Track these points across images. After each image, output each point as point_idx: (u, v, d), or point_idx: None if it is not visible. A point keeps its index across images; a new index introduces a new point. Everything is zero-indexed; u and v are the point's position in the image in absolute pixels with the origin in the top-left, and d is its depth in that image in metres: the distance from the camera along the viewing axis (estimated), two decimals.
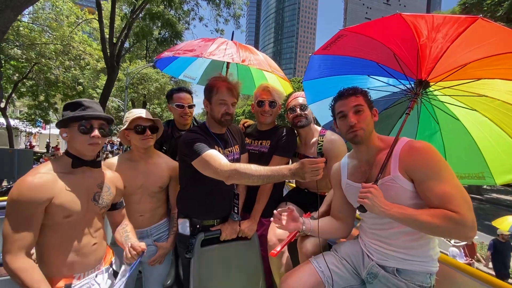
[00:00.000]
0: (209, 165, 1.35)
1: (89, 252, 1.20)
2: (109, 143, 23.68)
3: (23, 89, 14.45)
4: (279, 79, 2.32)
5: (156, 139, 1.69)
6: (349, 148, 1.71)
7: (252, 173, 1.27)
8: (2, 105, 12.66)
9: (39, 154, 14.95)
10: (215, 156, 1.37)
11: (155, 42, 17.51)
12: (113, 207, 1.39)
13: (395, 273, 1.17)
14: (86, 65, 15.40)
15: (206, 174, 1.39)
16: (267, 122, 1.92)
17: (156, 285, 1.73)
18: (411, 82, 1.41)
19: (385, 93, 1.64)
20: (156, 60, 2.25)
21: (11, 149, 8.61)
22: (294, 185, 2.20)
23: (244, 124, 2.22)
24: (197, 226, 1.61)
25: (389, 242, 1.21)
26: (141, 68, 16.86)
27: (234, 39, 2.13)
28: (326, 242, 1.68)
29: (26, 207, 1.02)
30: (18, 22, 10.76)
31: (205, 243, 1.60)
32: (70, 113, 1.16)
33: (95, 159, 1.25)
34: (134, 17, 11.06)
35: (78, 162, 1.19)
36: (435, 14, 1.07)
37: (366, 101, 1.25)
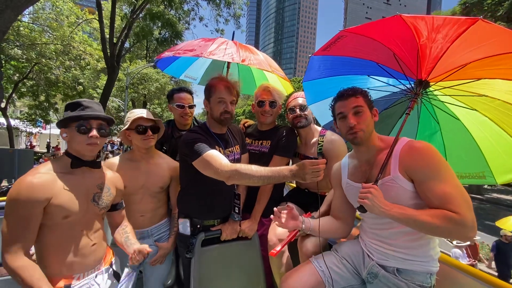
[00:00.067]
0: (210, 166, 1.35)
1: (89, 253, 1.20)
2: (110, 143, 23.70)
3: (24, 89, 14.47)
4: (280, 79, 2.32)
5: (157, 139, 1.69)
6: (349, 148, 1.71)
7: (253, 174, 1.27)
8: (3, 105, 12.67)
9: (40, 154, 14.96)
10: (216, 157, 1.37)
11: (155, 42, 17.53)
12: (113, 208, 1.39)
13: (396, 273, 1.17)
14: (87, 65, 15.41)
15: (207, 175, 1.39)
16: (268, 122, 1.92)
17: (157, 285, 1.73)
18: (411, 82, 1.41)
19: (385, 93, 1.64)
20: (157, 60, 2.25)
21: (12, 149, 8.63)
22: (295, 185, 2.20)
23: (245, 124, 2.23)
24: (198, 226, 1.61)
25: (390, 242, 1.21)
26: (142, 68, 16.87)
27: (235, 39, 2.13)
28: (327, 242, 1.68)
29: (25, 207, 1.02)
30: (19, 22, 10.77)
31: (206, 243, 1.60)
32: (70, 113, 1.16)
33: (95, 160, 1.25)
34: (134, 17, 11.07)
35: (78, 163, 1.18)
36: (435, 16, 1.08)
37: (366, 102, 1.24)
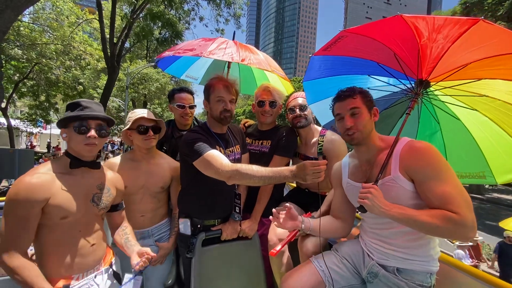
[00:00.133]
0: (211, 166, 1.35)
1: (88, 253, 1.19)
2: (110, 143, 23.71)
3: (24, 89, 14.48)
4: (280, 79, 2.31)
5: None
6: (350, 148, 1.71)
7: (254, 174, 1.27)
8: (3, 105, 12.68)
9: (40, 154, 14.97)
10: (217, 157, 1.37)
11: (156, 42, 17.53)
12: (113, 209, 1.38)
13: (396, 273, 1.17)
14: (87, 65, 15.41)
15: (208, 174, 1.39)
16: (268, 122, 1.92)
17: (157, 285, 1.73)
18: (412, 82, 1.41)
19: (386, 93, 1.64)
20: (158, 60, 2.24)
21: (12, 149, 8.63)
22: (295, 185, 2.20)
23: (245, 124, 2.23)
24: (198, 226, 1.61)
25: (390, 242, 1.21)
26: (142, 68, 16.88)
27: (235, 39, 2.13)
28: (327, 242, 1.68)
29: (23, 207, 1.02)
30: (19, 22, 10.78)
31: (206, 243, 1.61)
32: (69, 113, 1.16)
33: (95, 160, 1.24)
34: (135, 17, 11.07)
35: (76, 163, 1.18)
36: (436, 16, 1.07)
37: (364, 102, 1.23)
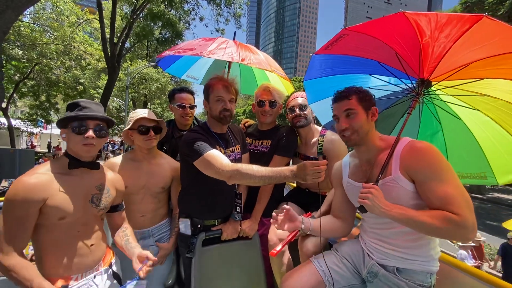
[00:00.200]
0: (211, 165, 1.35)
1: (86, 253, 1.19)
2: (110, 143, 23.73)
3: (25, 89, 14.51)
4: (281, 79, 2.31)
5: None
6: (350, 148, 1.70)
7: (254, 174, 1.27)
8: (4, 105, 12.70)
9: (40, 154, 14.99)
10: (217, 156, 1.37)
11: (156, 42, 17.54)
12: (113, 209, 1.38)
13: (396, 272, 1.17)
14: (87, 65, 15.44)
15: (208, 174, 1.39)
16: (268, 122, 1.92)
17: (158, 285, 1.73)
18: (413, 82, 1.41)
19: (387, 92, 1.63)
20: (159, 60, 2.23)
21: (13, 149, 8.64)
22: (295, 185, 2.20)
23: (245, 124, 2.22)
24: (198, 226, 1.61)
25: (390, 242, 1.21)
26: (142, 68, 16.89)
27: (235, 39, 2.12)
28: (327, 242, 1.68)
29: (20, 207, 1.02)
30: (19, 22, 10.80)
31: (206, 243, 1.60)
32: (68, 114, 1.15)
33: (94, 161, 1.23)
34: (135, 17, 11.09)
35: (75, 163, 1.17)
36: (439, 13, 1.06)
37: (361, 102, 1.22)
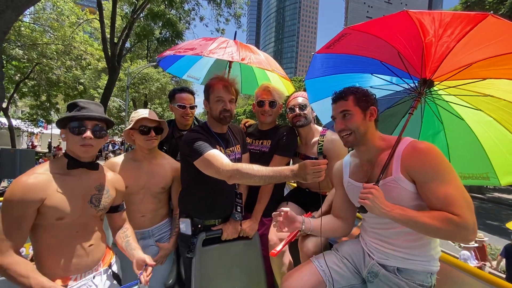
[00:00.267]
0: (211, 165, 1.35)
1: (85, 254, 1.18)
2: (111, 143, 23.74)
3: (25, 89, 14.55)
4: (281, 79, 2.31)
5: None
6: (351, 147, 1.70)
7: (254, 173, 1.27)
8: (4, 105, 12.72)
9: (41, 154, 15.00)
10: (217, 156, 1.37)
11: (156, 42, 17.55)
12: (114, 210, 1.37)
13: (396, 272, 1.17)
14: (87, 65, 15.47)
15: (208, 174, 1.39)
16: (268, 122, 1.92)
17: (158, 285, 1.72)
18: (415, 81, 1.39)
19: (389, 92, 1.62)
20: (159, 60, 2.23)
21: (13, 149, 8.65)
22: (295, 185, 2.20)
23: (245, 124, 2.22)
24: (199, 226, 1.60)
25: (390, 242, 1.20)
26: (142, 68, 16.90)
27: (236, 39, 2.12)
28: (327, 242, 1.68)
29: (18, 207, 1.02)
30: (20, 23, 10.81)
31: (207, 243, 1.60)
32: (67, 114, 1.15)
33: (93, 161, 1.23)
34: (135, 17, 11.08)
35: (74, 163, 1.16)
36: (444, 12, 1.05)
37: (358, 103, 1.21)
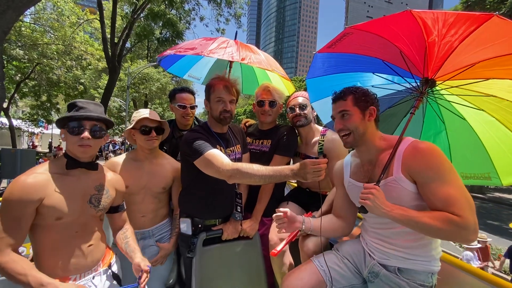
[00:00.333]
0: (211, 165, 1.35)
1: (85, 254, 1.18)
2: (111, 143, 23.76)
3: (26, 89, 14.57)
4: (282, 79, 2.30)
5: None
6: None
7: (254, 173, 1.27)
8: (5, 105, 12.71)
9: (41, 154, 15.02)
10: (217, 156, 1.37)
11: (156, 42, 17.56)
12: (114, 210, 1.37)
13: (397, 272, 1.16)
14: (88, 65, 15.47)
15: (208, 174, 1.39)
16: (268, 122, 1.91)
17: (158, 285, 1.73)
18: (417, 81, 1.39)
19: (390, 91, 1.61)
20: (160, 59, 2.23)
21: (14, 149, 8.65)
22: (296, 185, 2.20)
23: (246, 124, 2.22)
24: (199, 226, 1.60)
25: (391, 241, 1.20)
26: (143, 68, 16.89)
27: (236, 39, 2.11)
28: (328, 241, 1.67)
29: (17, 206, 1.02)
30: (20, 23, 10.81)
31: (207, 243, 1.60)
32: (66, 114, 1.15)
33: (92, 161, 1.22)
34: (136, 17, 11.08)
35: (73, 163, 1.16)
36: (447, 11, 1.04)
37: (356, 103, 1.21)
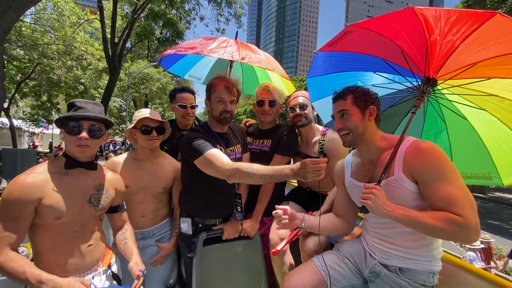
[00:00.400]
0: (211, 164, 1.35)
1: (84, 254, 1.18)
2: (112, 143, 23.78)
3: (26, 89, 14.59)
4: (282, 79, 2.30)
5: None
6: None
7: (254, 172, 1.27)
8: (5, 105, 12.73)
9: (42, 154, 15.04)
10: (218, 155, 1.37)
11: (157, 42, 17.54)
12: (114, 210, 1.37)
13: (398, 272, 1.16)
14: (88, 65, 15.49)
15: (208, 173, 1.39)
16: (268, 121, 1.91)
17: (159, 285, 1.73)
18: (418, 80, 1.38)
19: (391, 91, 1.61)
20: (160, 59, 2.22)
21: (14, 149, 8.69)
22: (296, 184, 2.20)
23: (246, 123, 2.22)
24: (199, 225, 1.60)
25: (392, 241, 1.20)
26: (143, 68, 16.90)
27: (237, 38, 2.11)
28: (328, 241, 1.67)
29: (16, 206, 1.02)
30: (21, 23, 10.82)
31: (207, 242, 1.60)
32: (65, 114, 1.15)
33: (92, 161, 1.22)
34: (136, 17, 11.08)
35: (72, 163, 1.16)
36: (450, 9, 1.03)
37: (356, 102, 1.21)
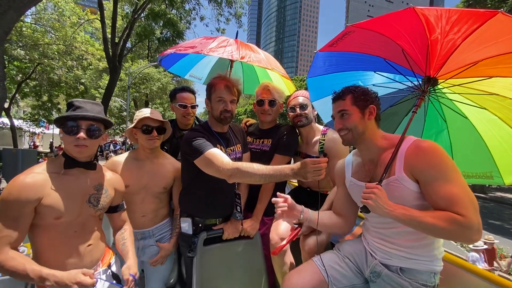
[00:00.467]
0: (212, 164, 1.35)
1: (84, 254, 1.18)
2: (112, 143, 23.81)
3: (27, 90, 14.63)
4: (282, 78, 2.30)
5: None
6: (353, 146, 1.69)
7: (254, 172, 1.27)
8: (6, 106, 12.77)
9: (42, 154, 15.06)
10: (218, 155, 1.37)
11: (157, 42, 17.55)
12: (113, 210, 1.37)
13: (399, 272, 1.16)
14: (89, 65, 15.51)
15: (208, 173, 1.39)
16: (268, 121, 1.91)
17: (159, 285, 1.73)
18: (419, 79, 1.37)
19: (392, 90, 1.60)
20: (161, 59, 2.21)
21: (15, 149, 8.71)
22: (296, 184, 2.19)
23: (246, 123, 2.22)
24: (200, 225, 1.60)
25: (393, 241, 1.19)
26: (143, 68, 16.91)
27: (237, 38, 2.11)
28: (329, 241, 1.67)
29: (15, 206, 1.02)
30: (21, 23, 10.84)
31: (208, 242, 1.60)
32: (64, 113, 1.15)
33: (91, 161, 1.22)
34: (136, 17, 11.09)
35: (71, 163, 1.16)
36: (451, 8, 1.02)
37: (355, 102, 1.21)
